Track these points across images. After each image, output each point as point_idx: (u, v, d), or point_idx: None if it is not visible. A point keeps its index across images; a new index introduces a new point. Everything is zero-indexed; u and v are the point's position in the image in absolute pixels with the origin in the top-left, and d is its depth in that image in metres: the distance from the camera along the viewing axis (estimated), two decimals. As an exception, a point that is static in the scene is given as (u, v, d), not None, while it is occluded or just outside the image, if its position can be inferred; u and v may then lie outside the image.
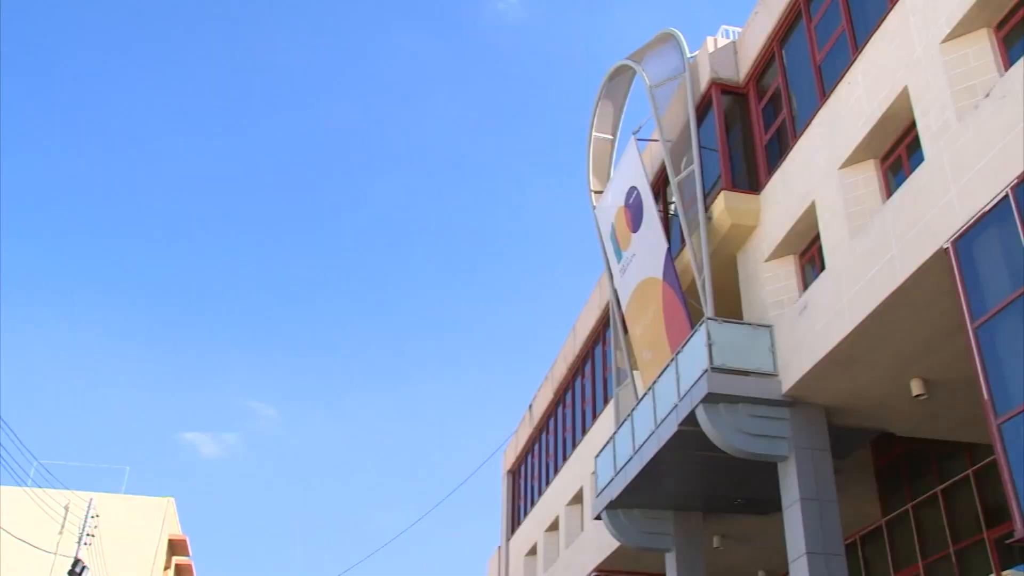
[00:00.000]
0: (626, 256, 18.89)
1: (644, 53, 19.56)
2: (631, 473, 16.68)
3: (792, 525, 13.66)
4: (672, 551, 17.82)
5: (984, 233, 10.44)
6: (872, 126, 12.92)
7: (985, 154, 10.49)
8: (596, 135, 21.70)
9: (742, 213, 15.70)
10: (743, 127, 16.86)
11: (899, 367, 13.13)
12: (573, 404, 25.92)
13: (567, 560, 24.09)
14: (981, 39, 11.44)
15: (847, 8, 14.14)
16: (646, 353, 18.19)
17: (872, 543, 18.56)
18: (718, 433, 13.83)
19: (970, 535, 15.74)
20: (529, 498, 29.97)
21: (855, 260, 12.65)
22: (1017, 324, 9.82)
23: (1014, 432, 9.68)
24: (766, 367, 14.32)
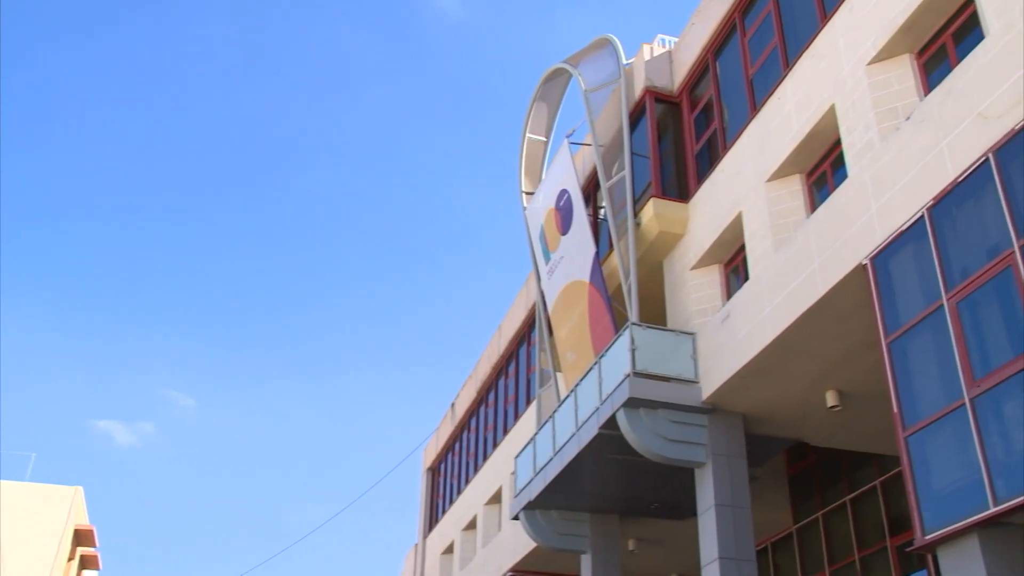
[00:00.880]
0: (554, 258, 18.98)
1: (581, 57, 19.67)
2: (550, 474, 16.75)
3: (706, 530, 13.87)
4: (588, 553, 17.95)
5: (901, 251, 10.73)
6: (799, 141, 13.19)
7: (904, 175, 10.78)
8: (530, 136, 21.74)
9: (670, 221, 15.89)
10: (675, 136, 17.07)
11: (816, 378, 13.43)
12: (495, 403, 25.95)
13: (483, 559, 24.12)
14: (904, 64, 11.76)
15: (780, 25, 14.41)
16: (570, 355, 18.29)
17: (783, 549, 18.96)
18: (638, 437, 13.97)
19: (875, 543, 16.19)
20: (448, 496, 29.92)
21: (778, 272, 12.89)
22: (928, 341, 10.11)
23: (919, 445, 9.97)
24: (687, 374, 14.51)
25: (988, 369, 9.23)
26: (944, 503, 9.52)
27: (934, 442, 9.83)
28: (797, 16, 14.07)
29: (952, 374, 9.63)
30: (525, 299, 23.70)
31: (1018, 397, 8.83)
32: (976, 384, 9.31)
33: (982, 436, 9.12)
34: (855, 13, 12.35)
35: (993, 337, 9.31)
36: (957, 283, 9.82)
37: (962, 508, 9.18)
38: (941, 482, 9.68)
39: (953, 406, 9.55)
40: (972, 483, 9.12)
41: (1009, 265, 9.15)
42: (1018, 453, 8.76)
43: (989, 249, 9.49)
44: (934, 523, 9.51)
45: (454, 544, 27.69)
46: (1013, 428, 8.87)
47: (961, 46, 11.07)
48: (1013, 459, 8.79)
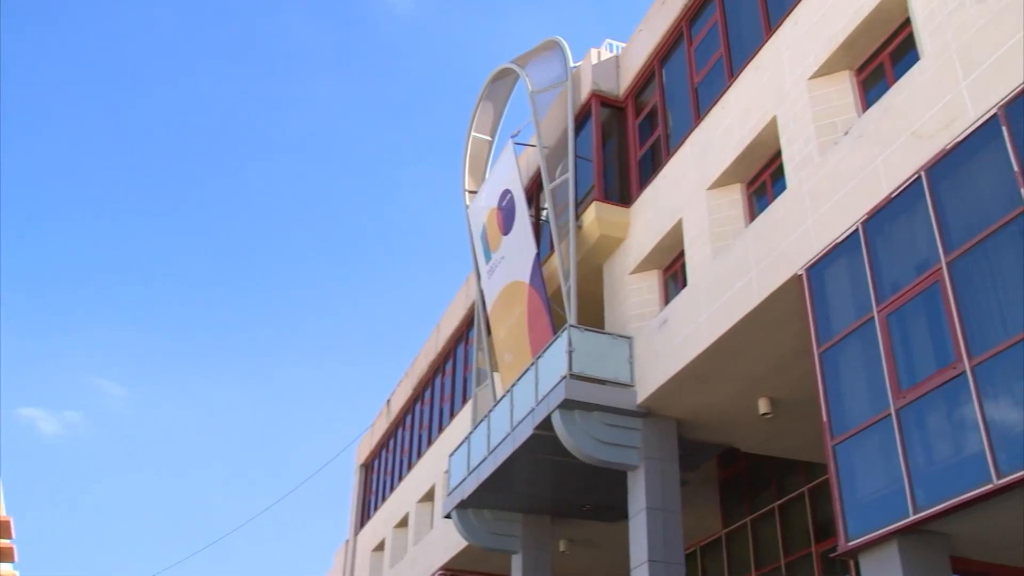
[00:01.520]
0: (495, 257, 18.98)
1: (529, 58, 19.70)
2: (484, 474, 16.75)
3: (636, 533, 13.99)
4: (519, 553, 17.99)
5: (835, 263, 10.94)
6: (741, 151, 13.36)
7: (841, 188, 11.00)
8: (475, 135, 21.72)
9: (611, 225, 16.00)
10: (619, 140, 17.19)
11: (749, 385, 13.62)
12: (431, 401, 25.88)
13: (414, 557, 24.03)
14: (844, 80, 12.00)
15: (725, 36, 14.59)
16: (507, 355, 18.31)
17: (711, 554, 19.19)
18: (572, 439, 14.04)
19: (800, 548, 16.47)
20: (380, 493, 29.76)
21: (716, 279, 13.05)
22: (858, 352, 10.32)
23: (846, 453, 10.18)
24: (623, 377, 14.62)
25: (913, 381, 9.45)
26: (867, 510, 9.74)
27: (860, 451, 10.04)
28: (743, 28, 14.26)
29: (879, 385, 9.85)
30: (465, 298, 23.66)
31: (940, 409, 9.07)
32: (902, 395, 9.53)
33: (905, 446, 9.34)
34: (798, 28, 12.55)
35: (919, 350, 9.54)
36: (888, 296, 10.04)
37: (884, 516, 9.39)
38: (865, 490, 9.89)
39: (879, 416, 9.76)
40: (894, 491, 9.34)
41: (937, 281, 9.38)
42: (938, 463, 9.00)
43: (918, 264, 9.72)
44: (857, 530, 9.72)
45: (385, 541, 27.55)
46: (934, 439, 9.11)
47: (898, 65, 11.32)
48: (933, 468, 9.03)
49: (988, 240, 8.93)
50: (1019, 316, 8.44)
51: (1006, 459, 8.22)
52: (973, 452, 8.56)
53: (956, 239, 9.29)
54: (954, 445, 8.87)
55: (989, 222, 8.95)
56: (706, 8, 15.40)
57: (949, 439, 8.95)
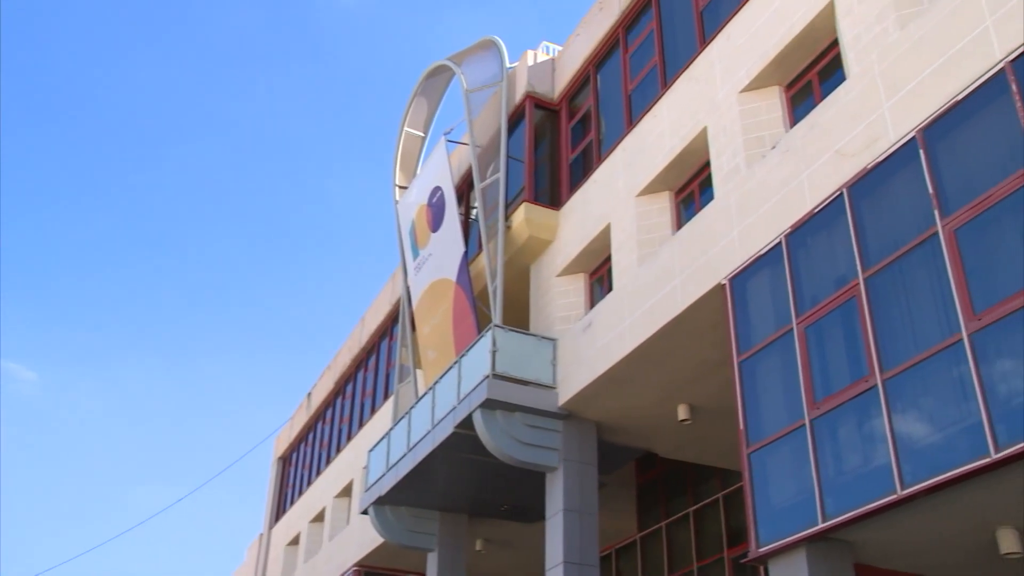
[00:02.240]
0: (423, 254, 18.91)
1: (465, 56, 19.67)
2: (403, 471, 16.68)
3: (553, 534, 14.06)
4: (435, 551, 17.94)
5: (758, 274, 11.14)
6: (671, 160, 13.52)
7: (766, 201, 11.20)
8: (407, 130, 21.61)
9: (540, 226, 16.07)
10: (551, 143, 17.26)
11: (669, 391, 13.78)
12: (353, 396, 25.68)
13: (329, 552, 23.81)
14: (773, 95, 12.23)
15: (661, 45, 14.75)
16: (431, 353, 18.26)
17: (626, 556, 19.40)
18: (492, 439, 14.05)
19: (713, 553, 16.74)
20: (297, 487, 29.43)
21: (641, 285, 13.19)
22: (776, 362, 10.53)
23: (760, 461, 10.38)
24: (545, 379, 14.68)
25: (828, 392, 9.68)
26: (778, 518, 9.94)
27: (774, 459, 10.25)
28: (678, 37, 14.44)
29: (795, 396, 10.06)
30: (391, 293, 23.53)
31: (852, 420, 9.30)
32: (816, 406, 9.74)
33: (817, 456, 9.55)
34: (732, 42, 12.75)
35: (835, 363, 9.77)
36: (807, 309, 10.25)
37: (793, 523, 9.60)
38: (777, 498, 10.10)
39: (793, 426, 9.97)
40: (804, 500, 9.55)
41: (854, 296, 9.62)
42: (847, 473, 9.24)
43: (837, 279, 9.96)
44: (768, 536, 9.91)
45: (300, 536, 27.24)
46: (845, 449, 9.34)
47: (826, 83, 11.58)
48: (842, 478, 9.26)
49: (903, 259, 9.19)
50: (928, 333, 8.71)
51: (910, 470, 8.47)
52: (880, 463, 8.80)
53: (873, 256, 9.54)
54: (863, 456, 9.10)
55: (904, 241, 9.21)
56: (643, 16, 15.55)
57: (859, 450, 9.19)
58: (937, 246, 8.81)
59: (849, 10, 10.75)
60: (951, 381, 8.38)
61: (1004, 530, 9.04)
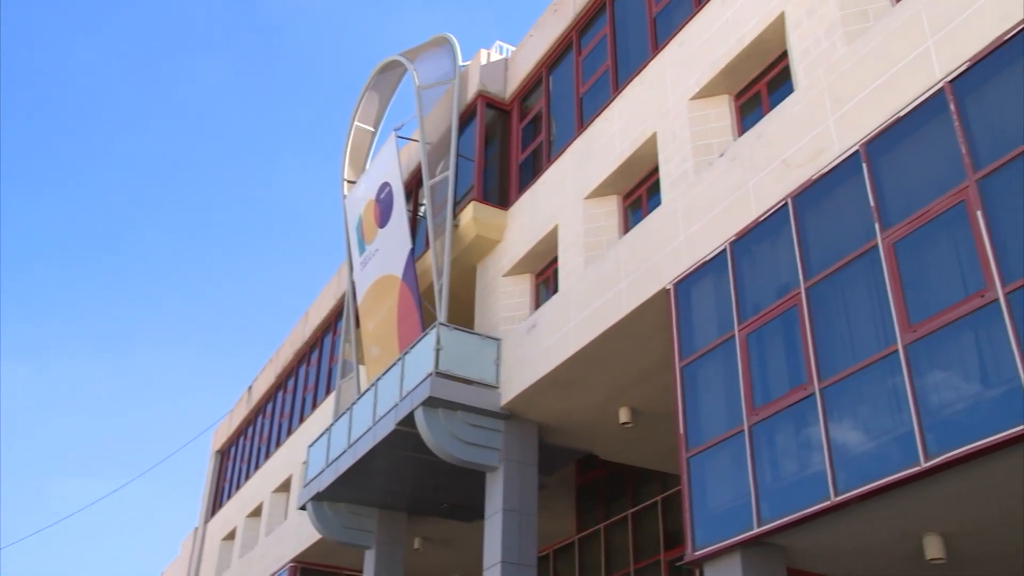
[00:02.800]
0: (369, 250, 18.81)
1: (418, 53, 19.60)
2: (342, 467, 16.57)
3: (491, 534, 14.07)
4: (373, 548, 17.87)
5: (702, 280, 11.26)
6: (620, 164, 13.62)
7: (713, 208, 11.33)
8: (358, 125, 21.48)
9: (488, 226, 16.08)
10: (502, 143, 17.28)
11: (611, 394, 13.88)
12: (294, 390, 25.45)
13: (265, 548, 23.56)
14: (723, 103, 12.38)
15: (614, 49, 14.85)
16: (374, 349, 18.17)
17: (564, 557, 19.49)
18: (434, 437, 14.02)
19: (650, 556, 16.90)
20: (235, 481, 29.08)
21: (586, 287, 13.26)
22: (717, 368, 10.66)
23: (699, 466, 10.50)
24: (489, 378, 14.69)
25: (767, 399, 9.82)
26: (715, 522, 10.06)
27: (712, 464, 10.37)
28: (631, 43, 14.54)
29: (735, 402, 10.19)
30: (336, 288, 23.37)
31: (789, 427, 9.45)
32: (755, 412, 9.88)
33: (755, 461, 9.69)
34: (684, 49, 12.88)
35: (774, 370, 9.91)
36: (749, 316, 10.39)
37: (729, 527, 9.73)
38: (715, 502, 10.22)
39: (732, 432, 10.10)
40: (741, 504, 9.68)
41: (795, 305, 9.77)
42: (783, 479, 9.38)
43: (780, 287, 10.11)
44: (704, 540, 10.03)
45: (236, 530, 26.93)
46: (781, 455, 9.49)
47: (774, 94, 11.75)
48: (779, 484, 9.41)
49: (844, 269, 9.36)
50: (866, 343, 8.88)
51: (845, 478, 8.64)
52: (816, 470, 8.95)
53: (815, 266, 9.70)
54: (799, 463, 9.26)
55: (846, 252, 9.39)
56: (597, 21, 15.64)
57: (795, 457, 9.34)
58: (877, 258, 8.99)
59: (799, 24, 10.92)
60: (886, 391, 8.56)
61: (930, 537, 9.26)
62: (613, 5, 15.24)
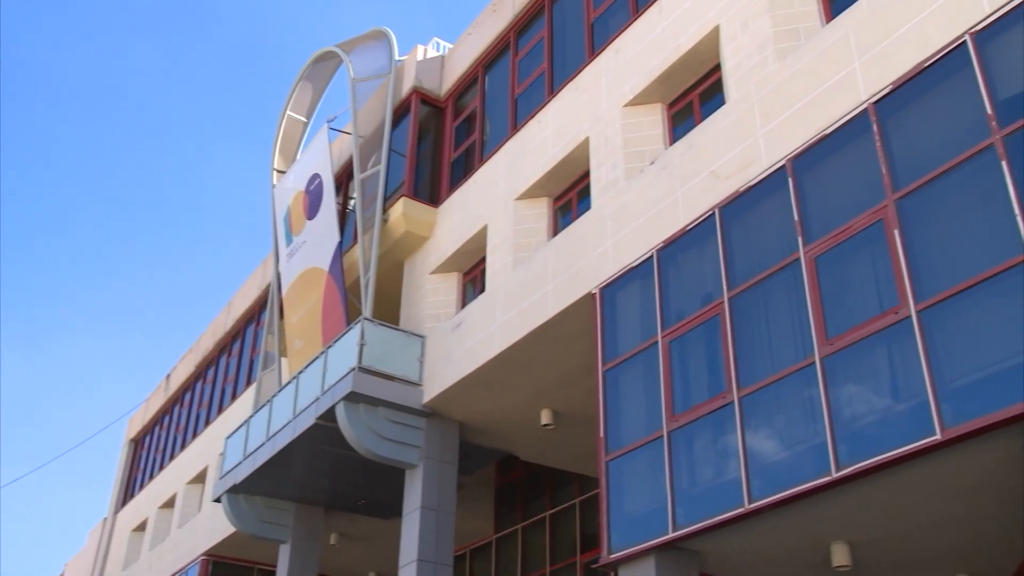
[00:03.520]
0: (296, 241, 18.58)
1: (354, 45, 19.43)
2: (260, 459, 16.35)
3: (408, 531, 14.02)
4: (288, 543, 17.66)
5: (628, 286, 11.37)
6: (552, 167, 13.67)
7: (642, 215, 11.45)
8: (290, 114, 21.21)
9: (417, 223, 16.00)
10: (435, 140, 17.22)
11: (534, 396, 13.92)
12: (214, 381, 25.01)
13: (177, 540, 23.11)
14: (656, 112, 12.52)
15: (550, 52, 14.91)
16: (298, 342, 17.96)
17: (480, 557, 19.50)
18: (354, 432, 13.92)
19: (566, 558, 17.01)
20: (148, 471, 28.46)
21: (513, 288, 13.28)
22: (638, 374, 10.77)
23: (618, 470, 10.60)
24: (412, 375, 14.63)
25: (687, 406, 9.95)
26: (631, 525, 10.17)
27: (631, 468, 10.48)
28: (568, 47, 14.61)
29: (655, 407, 10.30)
30: (261, 278, 23.04)
31: (708, 435, 9.60)
32: (675, 419, 10.01)
33: (672, 467, 9.82)
34: (620, 56, 12.99)
35: (695, 377, 10.06)
36: (672, 323, 10.52)
37: (645, 531, 9.84)
38: (632, 506, 10.33)
39: (652, 437, 10.22)
40: (657, 509, 9.80)
41: (718, 314, 9.92)
42: (699, 485, 9.53)
43: (704, 296, 10.26)
44: (619, 543, 10.13)
45: (148, 522, 26.35)
46: (699, 462, 9.64)
47: (706, 105, 11.92)
48: (695, 490, 9.55)
49: (766, 281, 9.54)
50: (784, 354, 9.07)
51: (759, 485, 8.80)
52: (731, 477, 9.11)
53: (739, 277, 9.87)
54: (715, 469, 9.41)
55: (769, 264, 9.57)
56: (535, 23, 15.68)
57: (712, 463, 9.49)
58: (798, 272, 9.18)
59: (733, 38, 11.10)
60: (802, 402, 8.75)
61: (837, 545, 9.49)
62: (552, 8, 15.31)
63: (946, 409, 7.53)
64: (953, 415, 7.48)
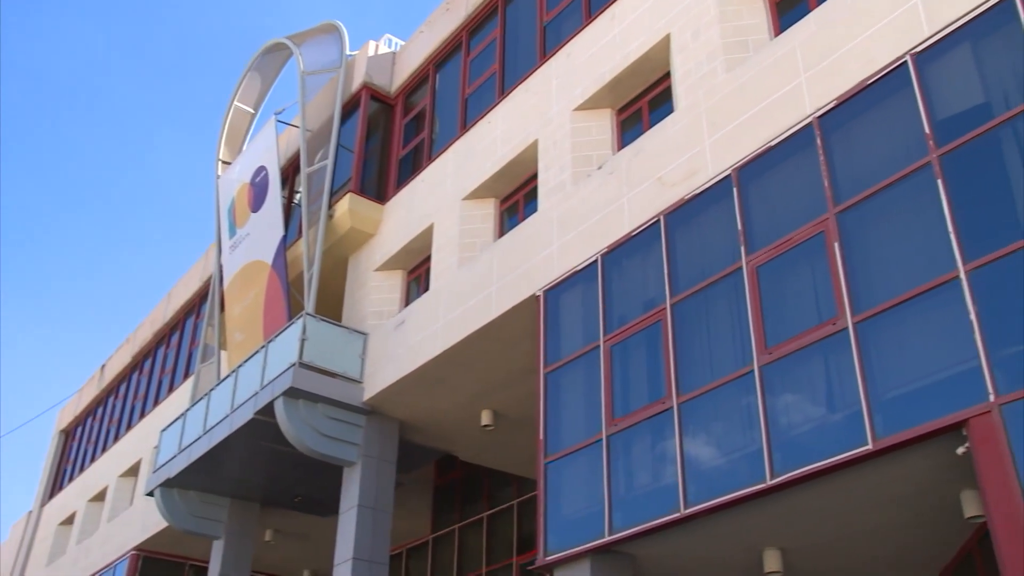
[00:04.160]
0: (240, 234, 18.35)
1: (305, 38, 19.25)
2: (196, 453, 16.12)
3: (345, 529, 13.92)
4: (221, 539, 17.42)
5: (572, 289, 11.42)
6: (500, 168, 13.68)
7: (587, 219, 11.51)
8: (238, 105, 20.94)
9: (363, 219, 15.91)
10: (383, 137, 17.13)
11: (475, 396, 13.92)
12: (151, 372, 24.58)
13: (107, 534, 22.66)
14: (605, 117, 12.60)
15: (502, 53, 14.92)
16: (238, 335, 17.74)
17: (417, 557, 19.44)
18: (292, 428, 13.79)
19: (502, 559, 17.02)
20: (79, 463, 27.86)
21: (458, 288, 13.27)
22: (579, 377, 10.82)
23: (556, 472, 10.64)
24: (353, 372, 14.54)
25: (626, 411, 10.02)
26: (568, 528, 10.22)
27: (569, 471, 10.52)
28: (519, 49, 14.64)
29: (595, 411, 10.36)
30: (202, 270, 22.71)
31: (646, 440, 9.68)
32: (614, 423, 10.08)
33: (610, 471, 9.88)
34: (571, 60, 13.05)
35: (636, 382, 10.14)
36: (615, 328, 10.60)
37: (582, 534, 9.89)
38: (569, 508, 10.38)
39: (591, 440, 10.28)
40: (594, 512, 9.86)
41: (660, 320, 10.02)
42: (637, 489, 9.62)
43: (646, 302, 10.34)
44: (556, 545, 10.17)
45: (76, 515, 25.79)
46: (637, 467, 9.72)
47: (655, 113, 12.03)
48: (632, 494, 9.63)
49: (708, 289, 9.65)
50: (724, 362, 9.18)
51: (695, 491, 8.90)
52: (668, 482, 9.20)
53: (682, 283, 9.97)
54: (653, 474, 9.49)
55: (711, 273, 9.68)
56: (488, 24, 15.69)
57: (649, 468, 9.57)
58: (740, 280, 9.30)
59: (683, 47, 11.21)
60: (740, 409, 8.86)
61: (770, 551, 9.63)
62: (505, 9, 15.32)
63: (879, 420, 7.69)
64: (885, 426, 7.64)
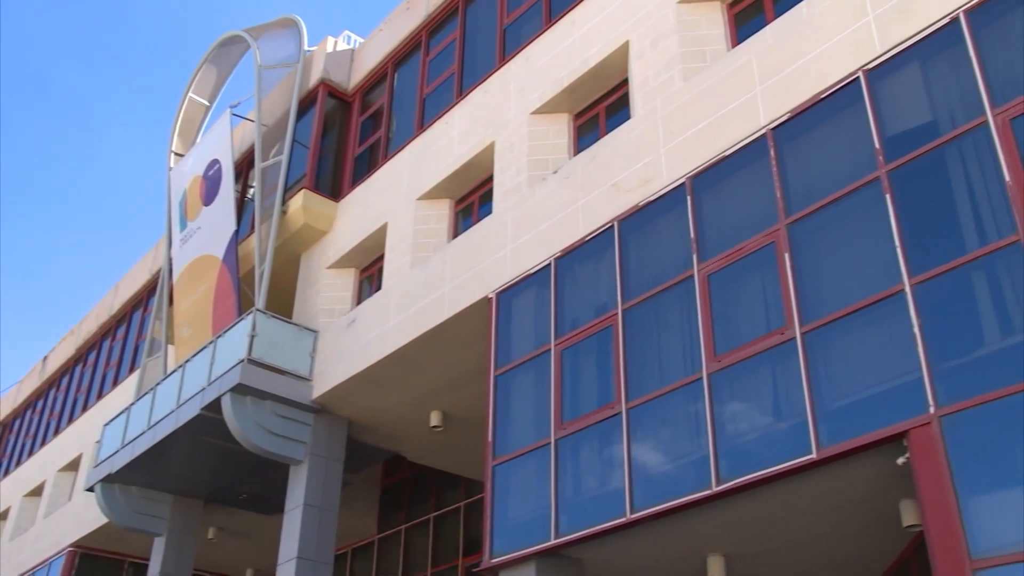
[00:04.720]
0: (191, 227, 18.12)
1: (263, 31, 19.07)
2: (139, 448, 15.87)
3: (290, 528, 13.80)
4: (163, 536, 17.17)
5: (524, 292, 11.44)
6: (456, 169, 13.66)
7: (542, 223, 11.53)
8: (192, 96, 20.68)
9: (317, 216, 15.80)
10: (340, 134, 17.02)
11: (424, 397, 13.87)
12: (95, 365, 24.15)
13: (43, 530, 22.20)
14: (562, 121, 12.64)
15: (461, 54, 14.90)
16: (186, 330, 17.50)
17: (362, 557, 19.33)
18: (239, 425, 13.64)
19: (448, 560, 16.99)
20: (15, 456, 27.27)
21: (410, 288, 13.22)
22: (530, 380, 10.84)
23: (504, 475, 10.64)
24: (302, 370, 14.42)
25: (575, 415, 10.05)
26: (514, 531, 10.22)
27: (517, 474, 10.53)
28: (479, 50, 14.63)
29: (544, 415, 10.38)
30: (151, 263, 22.37)
31: (594, 444, 9.72)
32: (563, 427, 10.10)
33: (558, 474, 9.91)
34: (530, 64, 13.07)
35: (585, 387, 10.17)
36: (566, 332, 10.62)
37: (528, 537, 9.90)
38: (516, 511, 10.38)
39: (539, 444, 10.29)
40: (541, 515, 9.88)
41: (611, 325, 10.06)
42: (584, 493, 9.65)
43: (598, 307, 10.38)
44: (502, 547, 10.17)
45: (11, 511, 25.21)
46: (584, 471, 9.75)
47: (612, 119, 12.09)
48: (579, 498, 9.66)
49: (660, 295, 9.72)
50: (673, 369, 9.25)
51: (641, 496, 8.95)
52: (615, 487, 9.24)
53: (634, 289, 10.03)
54: (600, 479, 9.53)
55: (663, 279, 9.75)
56: (447, 24, 15.66)
57: (597, 473, 9.61)
58: (691, 288, 9.38)
59: (641, 54, 11.28)
60: (688, 416, 8.93)
61: (714, 557, 9.72)
62: (465, 11, 15.31)
63: (823, 429, 7.79)
64: (829, 435, 7.74)
